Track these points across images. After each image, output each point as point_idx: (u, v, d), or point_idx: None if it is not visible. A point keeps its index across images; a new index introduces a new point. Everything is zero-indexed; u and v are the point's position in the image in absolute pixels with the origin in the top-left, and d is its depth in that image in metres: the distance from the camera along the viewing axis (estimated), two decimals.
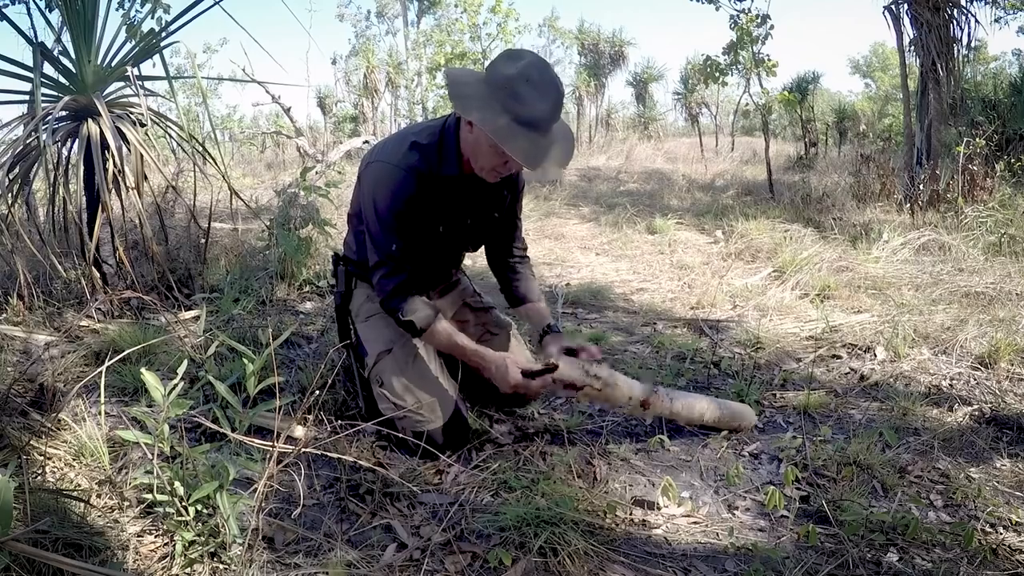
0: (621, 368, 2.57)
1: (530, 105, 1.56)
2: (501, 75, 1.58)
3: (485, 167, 1.72)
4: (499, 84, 1.58)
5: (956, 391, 2.38)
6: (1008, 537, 1.54)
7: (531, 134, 1.57)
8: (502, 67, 1.60)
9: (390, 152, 1.78)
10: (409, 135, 1.80)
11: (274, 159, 13.79)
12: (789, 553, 1.46)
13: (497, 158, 1.66)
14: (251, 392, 1.39)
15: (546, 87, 1.59)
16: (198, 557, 1.33)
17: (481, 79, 1.64)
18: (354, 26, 28.42)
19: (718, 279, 3.93)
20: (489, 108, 1.57)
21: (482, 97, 1.59)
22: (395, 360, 1.91)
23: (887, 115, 16.95)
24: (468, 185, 1.82)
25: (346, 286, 2.04)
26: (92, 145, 2.78)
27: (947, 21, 6.05)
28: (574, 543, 1.44)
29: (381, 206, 1.75)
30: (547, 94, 1.59)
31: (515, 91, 1.56)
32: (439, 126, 1.79)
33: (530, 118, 1.57)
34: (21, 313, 2.71)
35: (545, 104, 1.58)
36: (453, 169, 1.76)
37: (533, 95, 1.56)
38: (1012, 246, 4.30)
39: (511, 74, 1.57)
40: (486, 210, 1.96)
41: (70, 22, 2.83)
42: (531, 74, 1.57)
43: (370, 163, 1.82)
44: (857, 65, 32.28)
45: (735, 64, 8.07)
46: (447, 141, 1.76)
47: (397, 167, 1.74)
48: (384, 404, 1.90)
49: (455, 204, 1.86)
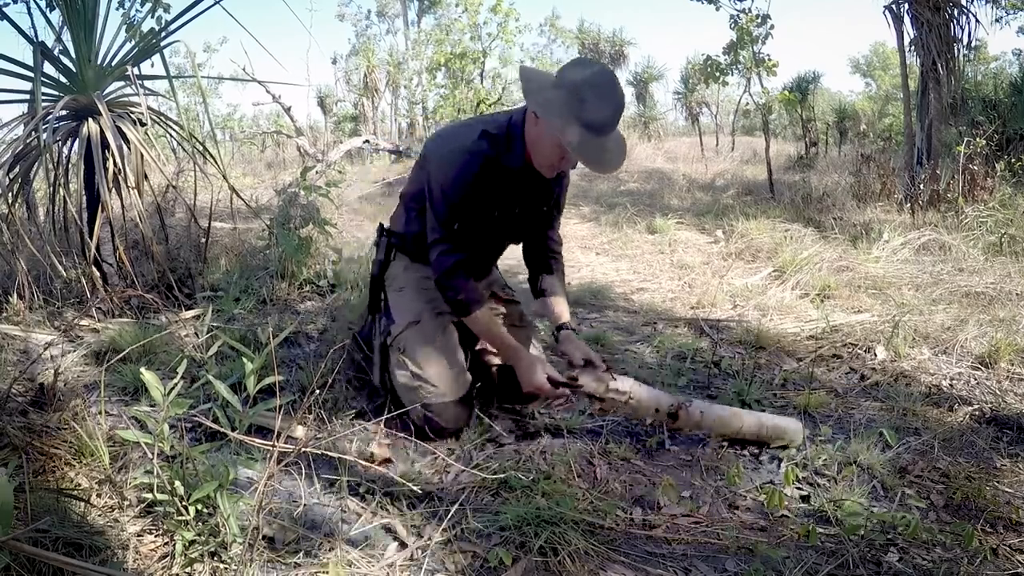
0: (621, 368, 2.58)
1: (596, 111, 1.67)
2: (571, 80, 1.69)
3: (544, 163, 1.83)
4: (569, 88, 1.68)
5: (956, 391, 2.38)
6: (1008, 537, 1.54)
7: (593, 137, 1.69)
8: (572, 73, 1.71)
9: (461, 138, 1.88)
10: (479, 124, 1.90)
11: (274, 158, 13.79)
12: (789, 553, 1.46)
13: (557, 155, 1.78)
14: (251, 391, 1.39)
15: (611, 95, 1.70)
16: (198, 556, 1.33)
17: (551, 82, 1.75)
18: (354, 25, 28.40)
19: (718, 279, 3.93)
20: (559, 111, 1.68)
21: (553, 99, 1.70)
22: (422, 330, 1.99)
23: (887, 115, 16.94)
24: (526, 177, 1.91)
25: (386, 256, 2.13)
26: (92, 144, 2.78)
27: (947, 21, 6.05)
28: (574, 542, 1.44)
29: (448, 186, 1.84)
30: (612, 101, 1.70)
31: (583, 96, 1.67)
32: (506, 120, 1.89)
33: (594, 122, 1.68)
34: (21, 312, 2.71)
35: (608, 110, 1.70)
36: (518, 161, 1.86)
37: (599, 102, 1.68)
38: (1012, 246, 4.30)
39: (579, 80, 1.68)
40: (536, 202, 2.05)
41: (70, 21, 2.83)
42: (598, 81, 1.69)
43: (436, 147, 1.94)
44: (857, 65, 32.25)
45: (735, 64, 8.06)
46: (514, 134, 1.85)
47: (467, 151, 1.84)
48: (401, 371, 1.98)
49: (512, 193, 1.95)
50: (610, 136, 1.74)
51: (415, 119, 17.40)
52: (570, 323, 2.10)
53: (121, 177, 2.93)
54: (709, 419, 1.93)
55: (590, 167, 1.75)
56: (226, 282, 3.21)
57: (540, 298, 2.19)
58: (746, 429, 1.93)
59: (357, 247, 4.25)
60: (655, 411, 1.91)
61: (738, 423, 1.93)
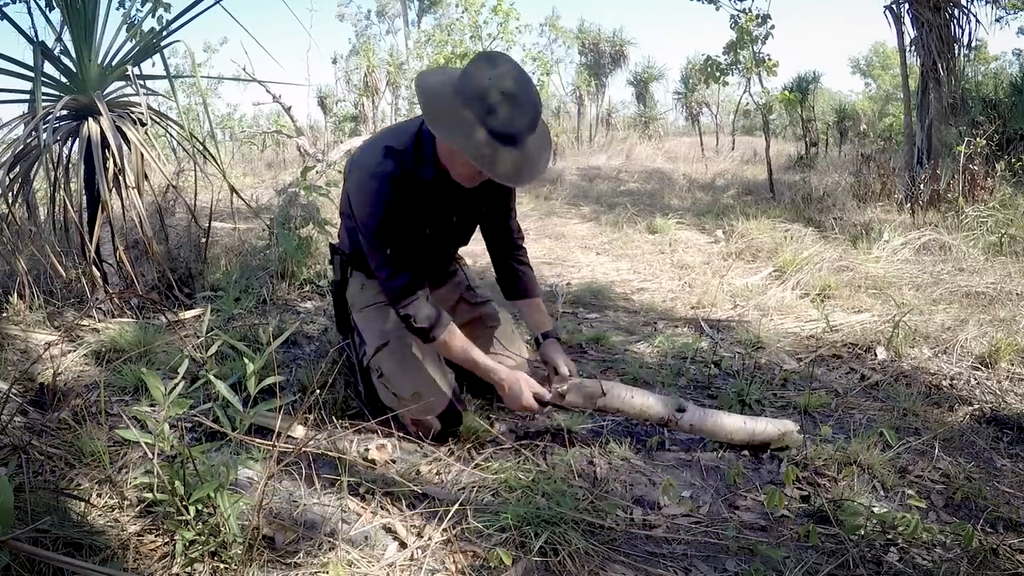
0: (621, 368, 2.58)
1: (507, 120, 1.51)
2: (475, 85, 1.52)
3: (462, 176, 1.71)
4: (473, 95, 1.51)
5: (956, 391, 2.38)
6: (1008, 537, 1.54)
7: (509, 149, 1.53)
8: (476, 75, 1.53)
9: (366, 160, 1.76)
10: (383, 141, 1.78)
11: (274, 158, 13.80)
12: (789, 553, 1.46)
13: (473, 169, 1.63)
14: (251, 391, 1.39)
15: (523, 100, 1.52)
16: (198, 556, 1.33)
17: (454, 87, 1.56)
18: (354, 25, 28.43)
19: (719, 279, 3.93)
20: (464, 122, 1.51)
21: (456, 110, 1.52)
22: (392, 353, 1.94)
23: (887, 115, 16.93)
24: (449, 185, 1.78)
25: (342, 274, 2.08)
26: (93, 144, 2.78)
27: (948, 21, 6.05)
28: (575, 543, 1.44)
29: (365, 214, 1.76)
30: (524, 109, 1.53)
31: (490, 104, 1.50)
32: (415, 129, 1.76)
33: (506, 133, 1.52)
34: (21, 312, 2.71)
35: (523, 119, 1.53)
36: (430, 173, 1.74)
37: (509, 109, 1.51)
38: (1012, 246, 4.30)
39: (485, 85, 1.51)
40: (473, 206, 1.95)
41: (71, 21, 2.83)
42: (506, 85, 1.51)
43: (351, 171, 1.83)
44: (857, 65, 32.25)
45: (735, 64, 8.06)
46: (423, 145, 1.73)
47: (372, 176, 1.72)
48: (383, 393, 1.96)
49: (438, 205, 1.85)
50: (527, 141, 1.57)
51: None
52: (553, 330, 2.07)
53: (121, 177, 2.93)
54: (699, 429, 1.93)
55: (505, 183, 1.59)
56: (226, 282, 3.21)
57: (515, 301, 2.13)
58: (737, 438, 1.93)
59: None
60: (645, 420, 1.93)
61: (727, 434, 1.93)
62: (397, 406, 1.90)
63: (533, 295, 2.13)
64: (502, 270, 2.14)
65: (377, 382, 1.96)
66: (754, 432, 1.92)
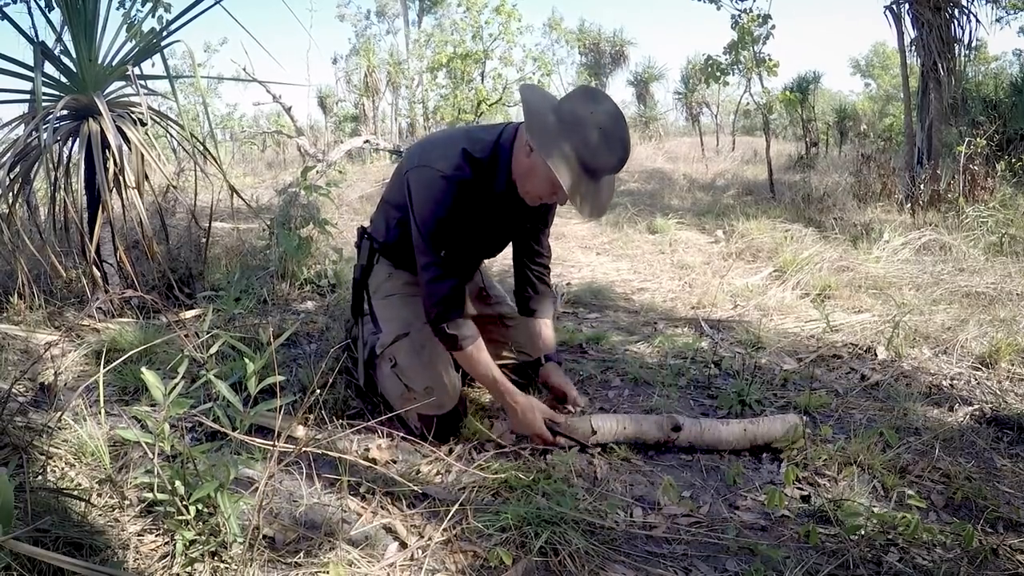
0: (621, 367, 2.58)
1: (598, 156, 1.58)
2: (575, 114, 1.58)
3: (531, 193, 1.74)
4: (571, 122, 1.58)
5: (957, 391, 2.38)
6: (1009, 537, 1.54)
7: (590, 181, 1.61)
8: (578, 105, 1.60)
9: (440, 158, 1.76)
10: (461, 142, 1.79)
11: (275, 158, 13.81)
12: (790, 553, 1.46)
13: (548, 191, 1.68)
14: (252, 391, 1.39)
15: (617, 142, 1.60)
16: (199, 556, 1.33)
17: (553, 110, 1.63)
18: (354, 26, 28.42)
19: (719, 279, 3.93)
20: (560, 148, 1.57)
21: (555, 136, 1.58)
22: (411, 343, 1.95)
23: (888, 115, 16.94)
24: (510, 199, 1.82)
25: (368, 260, 2.08)
26: (93, 144, 2.78)
27: (948, 21, 6.05)
28: (575, 542, 1.44)
29: (427, 212, 1.76)
30: (616, 150, 1.60)
31: (586, 137, 1.56)
32: (493, 140, 1.79)
33: (597, 168, 1.59)
34: (22, 312, 2.71)
35: (612, 159, 1.61)
36: (502, 186, 1.78)
37: (603, 147, 1.58)
38: (1013, 246, 4.30)
39: (584, 116, 1.57)
40: (523, 220, 2.01)
41: (71, 21, 2.83)
42: (605, 123, 1.57)
43: (420, 165, 1.79)
44: (858, 65, 32.26)
45: (736, 64, 8.06)
46: (500, 158, 1.76)
47: (446, 178, 1.73)
48: (391, 384, 1.95)
49: (495, 214, 1.89)
50: (604, 180, 1.65)
51: (415, 119, 17.40)
52: (555, 354, 2.11)
53: (122, 177, 2.94)
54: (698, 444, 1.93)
55: (579, 211, 1.63)
56: (226, 282, 3.21)
57: (527, 317, 2.16)
58: (739, 447, 1.93)
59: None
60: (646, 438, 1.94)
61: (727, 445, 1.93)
62: (402, 398, 1.91)
63: (545, 316, 2.15)
64: (522, 283, 2.16)
65: (388, 372, 1.96)
66: (755, 436, 1.92)
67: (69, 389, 2.13)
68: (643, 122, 19.98)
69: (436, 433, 1.92)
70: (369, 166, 11.25)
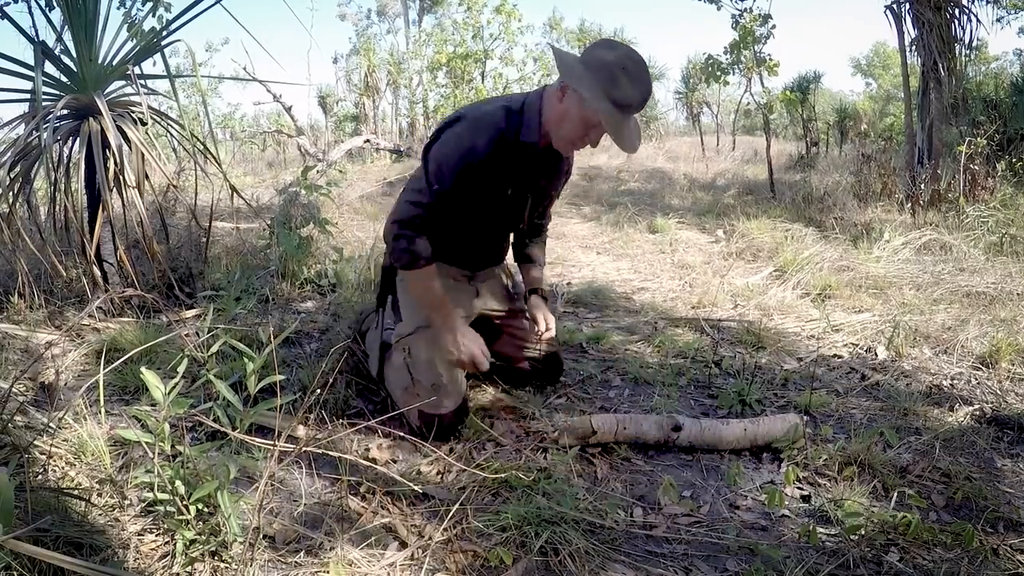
0: (622, 367, 2.58)
1: (625, 91, 1.71)
2: (599, 59, 1.72)
3: (566, 137, 1.83)
4: (597, 67, 1.72)
5: (957, 391, 2.38)
6: (1009, 537, 1.54)
7: (620, 115, 1.74)
8: (601, 53, 1.74)
9: (480, 110, 1.87)
10: (499, 100, 1.91)
11: (275, 158, 13.80)
12: (790, 553, 1.46)
13: (581, 130, 1.79)
14: (252, 391, 1.39)
15: (640, 77, 1.74)
16: (199, 556, 1.33)
17: (580, 59, 1.78)
18: (355, 25, 28.37)
19: (719, 278, 3.92)
20: (590, 86, 1.71)
21: (584, 75, 1.73)
22: (430, 337, 1.97)
23: (888, 114, 16.93)
24: (540, 157, 1.93)
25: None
26: (93, 144, 2.78)
27: (948, 21, 6.04)
28: (575, 542, 1.44)
29: (450, 148, 1.83)
30: (641, 83, 1.74)
31: (613, 75, 1.70)
32: (521, 99, 1.89)
33: (624, 100, 1.72)
34: (22, 312, 2.71)
35: (638, 92, 1.74)
36: (535, 136, 1.85)
37: (629, 84, 1.72)
38: (1013, 246, 4.29)
39: (609, 60, 1.71)
40: (544, 185, 2.09)
41: (71, 21, 2.83)
42: (627, 64, 1.72)
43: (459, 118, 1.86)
44: (858, 65, 32.24)
45: (737, 63, 8.04)
46: (531, 111, 1.86)
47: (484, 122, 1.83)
48: (398, 376, 1.99)
49: (524, 173, 1.96)
50: (631, 117, 1.79)
51: (416, 119, 17.38)
52: (543, 288, 2.23)
53: (122, 176, 2.93)
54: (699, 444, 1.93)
55: (616, 142, 1.77)
56: (227, 281, 3.21)
57: (520, 263, 2.29)
58: (739, 447, 1.93)
59: (358, 246, 4.25)
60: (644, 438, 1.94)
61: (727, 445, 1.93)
62: (406, 392, 1.94)
63: (539, 265, 2.29)
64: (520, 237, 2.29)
65: (399, 363, 1.99)
66: (756, 436, 1.92)
67: (69, 389, 2.13)
68: (644, 122, 19.97)
69: (436, 434, 1.91)
70: (369, 166, 11.24)
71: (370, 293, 3.19)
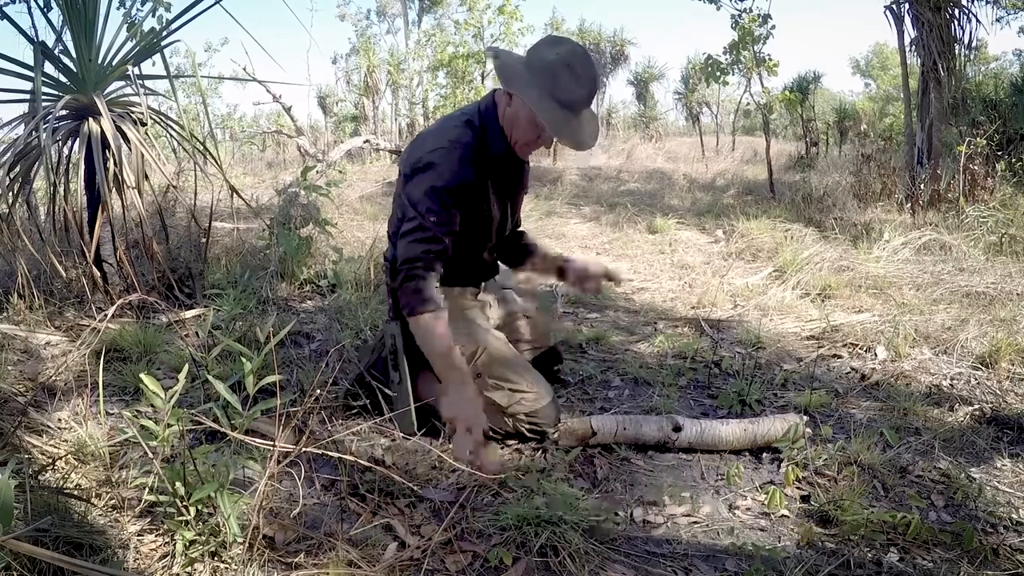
0: (621, 367, 2.58)
1: (569, 89, 1.69)
2: (541, 59, 1.70)
3: (521, 141, 1.82)
4: (539, 68, 1.70)
5: (957, 391, 2.38)
6: (1009, 537, 1.54)
7: (568, 114, 1.71)
8: (544, 52, 1.71)
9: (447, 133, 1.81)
10: (459, 116, 1.86)
11: (275, 158, 13.79)
12: (790, 553, 1.46)
13: (534, 132, 1.78)
14: (251, 391, 1.39)
15: (584, 73, 1.70)
16: (198, 556, 1.33)
17: (521, 60, 1.75)
18: (354, 25, 28.35)
19: (719, 279, 3.92)
20: (532, 86, 1.69)
21: (525, 77, 1.70)
22: (491, 353, 1.93)
23: (888, 115, 16.92)
24: (508, 163, 1.90)
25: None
26: (93, 144, 2.78)
27: (948, 21, 6.05)
28: (575, 542, 1.43)
29: (438, 182, 1.75)
30: (584, 82, 1.71)
31: (555, 75, 1.68)
32: (475, 109, 1.86)
33: (568, 100, 1.69)
34: (22, 312, 2.71)
35: (582, 88, 1.71)
36: (501, 146, 1.84)
37: (573, 82, 1.69)
38: (1013, 246, 4.29)
39: (552, 59, 1.69)
40: (518, 190, 2.06)
41: (71, 21, 2.83)
42: (571, 61, 1.69)
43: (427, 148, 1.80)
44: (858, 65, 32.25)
45: (736, 64, 8.05)
46: (488, 120, 1.83)
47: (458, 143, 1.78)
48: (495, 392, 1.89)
49: (501, 183, 1.93)
50: (583, 114, 1.75)
51: (415, 119, 17.38)
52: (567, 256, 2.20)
53: (121, 177, 2.93)
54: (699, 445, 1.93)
55: (565, 144, 1.74)
56: (226, 282, 3.21)
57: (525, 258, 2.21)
58: (740, 446, 1.93)
59: (357, 247, 4.25)
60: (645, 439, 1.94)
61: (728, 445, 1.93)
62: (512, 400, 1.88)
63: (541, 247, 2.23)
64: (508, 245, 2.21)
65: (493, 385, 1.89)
66: (756, 436, 1.92)
67: (69, 389, 2.13)
68: (643, 122, 19.98)
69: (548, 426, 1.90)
70: (369, 166, 11.24)
71: (369, 294, 3.19)
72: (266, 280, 3.29)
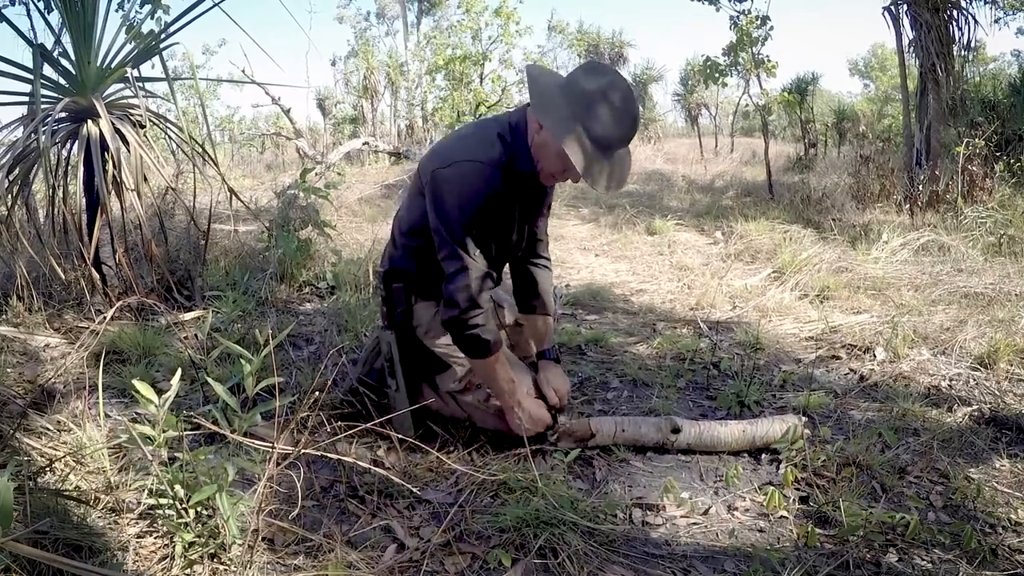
0: (620, 369, 2.58)
1: (607, 127, 1.56)
2: (581, 88, 1.57)
3: (544, 171, 1.72)
4: (577, 96, 1.56)
5: (955, 391, 2.38)
6: (1007, 537, 1.54)
7: (600, 153, 1.58)
8: (583, 80, 1.58)
9: (474, 150, 1.70)
10: (492, 127, 1.74)
11: (274, 160, 13.80)
12: (789, 554, 1.46)
13: (559, 167, 1.66)
14: (250, 393, 1.39)
15: (624, 113, 1.57)
16: (198, 558, 1.33)
17: (559, 85, 1.62)
18: (353, 27, 28.36)
19: (718, 280, 3.93)
20: (566, 121, 1.56)
21: (562, 110, 1.57)
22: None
23: (886, 116, 16.93)
24: (533, 182, 1.80)
25: (407, 303, 1.93)
26: (92, 146, 2.78)
27: (946, 22, 6.06)
28: (574, 544, 1.44)
29: (467, 201, 1.67)
30: (623, 121, 1.58)
31: (594, 109, 1.55)
32: (507, 124, 1.74)
33: (604, 138, 1.57)
34: (21, 314, 2.71)
35: (619, 131, 1.58)
36: (528, 165, 1.73)
37: (610, 118, 1.56)
38: (1011, 247, 4.30)
39: (591, 89, 1.56)
40: (539, 209, 2.00)
41: (70, 23, 2.83)
42: (612, 96, 1.56)
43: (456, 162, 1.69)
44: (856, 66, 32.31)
45: (735, 65, 8.07)
46: (518, 138, 1.72)
47: (486, 164, 1.67)
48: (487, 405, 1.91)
49: (525, 202, 1.86)
50: (616, 155, 1.62)
51: (414, 121, 17.40)
52: (551, 351, 2.07)
53: (120, 179, 2.93)
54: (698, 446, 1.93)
55: (593, 187, 1.61)
56: (226, 284, 3.21)
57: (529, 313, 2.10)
58: (739, 447, 1.93)
59: (356, 249, 4.25)
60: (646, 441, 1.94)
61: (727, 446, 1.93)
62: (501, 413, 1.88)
63: (550, 315, 2.10)
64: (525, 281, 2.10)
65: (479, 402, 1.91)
66: (755, 437, 1.92)
67: (69, 391, 2.12)
68: (642, 123, 19.98)
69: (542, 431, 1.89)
70: (368, 168, 11.25)
71: (368, 296, 3.19)
72: (265, 282, 3.29)
